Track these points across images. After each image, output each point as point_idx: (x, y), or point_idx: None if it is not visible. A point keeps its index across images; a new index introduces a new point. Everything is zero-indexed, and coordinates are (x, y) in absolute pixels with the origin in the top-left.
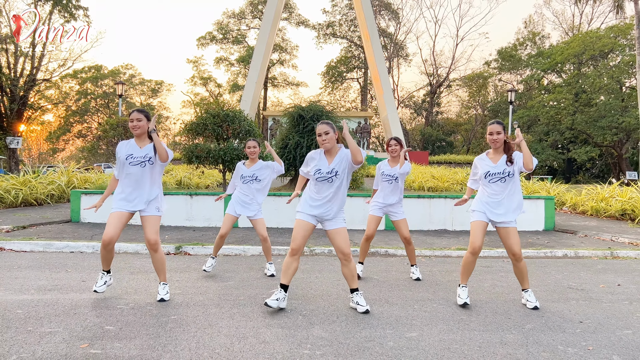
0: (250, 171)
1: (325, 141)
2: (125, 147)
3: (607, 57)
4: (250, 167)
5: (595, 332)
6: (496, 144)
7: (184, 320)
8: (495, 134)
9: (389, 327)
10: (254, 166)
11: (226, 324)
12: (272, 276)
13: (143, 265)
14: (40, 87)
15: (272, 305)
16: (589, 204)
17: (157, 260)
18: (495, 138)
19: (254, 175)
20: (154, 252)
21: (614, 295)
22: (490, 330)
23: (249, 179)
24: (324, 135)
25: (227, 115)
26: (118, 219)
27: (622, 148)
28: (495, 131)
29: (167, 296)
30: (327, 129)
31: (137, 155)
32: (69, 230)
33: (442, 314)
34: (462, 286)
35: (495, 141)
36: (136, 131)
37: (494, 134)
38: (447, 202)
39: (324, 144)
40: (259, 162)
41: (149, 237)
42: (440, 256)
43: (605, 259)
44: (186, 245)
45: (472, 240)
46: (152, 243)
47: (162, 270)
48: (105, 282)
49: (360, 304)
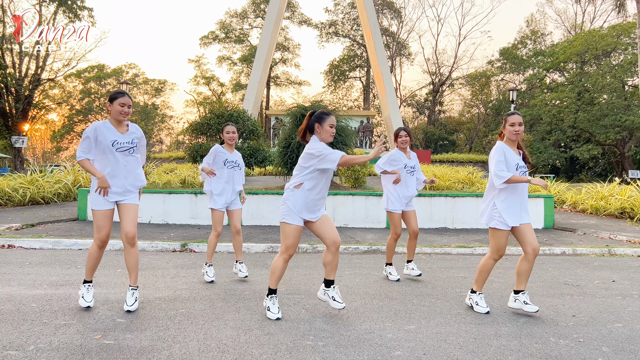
0: (233, 157)
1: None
2: (106, 131)
3: (610, 56)
4: (231, 153)
5: (587, 325)
6: (518, 136)
7: (191, 314)
8: (517, 125)
9: (388, 320)
10: (235, 153)
11: (232, 317)
12: (245, 277)
13: (150, 261)
14: (45, 86)
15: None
16: (589, 203)
17: (133, 257)
18: (518, 129)
19: (237, 162)
20: (132, 247)
21: (607, 291)
22: (485, 324)
23: (232, 164)
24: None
25: (231, 115)
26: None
27: (625, 147)
28: (518, 122)
29: (135, 306)
30: None
31: (122, 140)
32: (76, 229)
33: (440, 308)
34: (479, 294)
35: (517, 133)
36: (125, 118)
37: (515, 124)
38: (448, 201)
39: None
40: (235, 151)
41: (130, 229)
42: (440, 254)
43: (603, 256)
44: (192, 243)
45: (499, 247)
46: (131, 236)
47: (135, 269)
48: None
49: (336, 300)
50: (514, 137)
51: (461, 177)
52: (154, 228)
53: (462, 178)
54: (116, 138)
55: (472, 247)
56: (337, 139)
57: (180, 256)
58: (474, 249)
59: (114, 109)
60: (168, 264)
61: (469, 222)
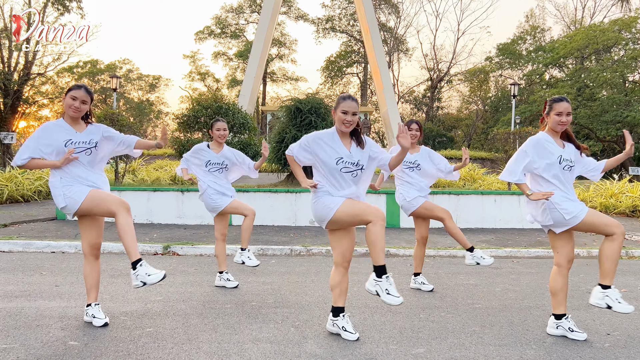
0: (219, 157)
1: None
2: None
3: (611, 51)
4: (218, 152)
5: (626, 347)
6: (564, 127)
7: (160, 334)
8: (565, 115)
9: (392, 342)
10: (223, 152)
11: (207, 338)
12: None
13: (126, 267)
14: (34, 81)
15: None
16: (598, 200)
17: (97, 270)
18: (565, 120)
19: (223, 163)
20: (96, 259)
21: (639, 302)
22: (507, 345)
23: (217, 167)
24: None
25: (220, 107)
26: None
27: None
28: (567, 111)
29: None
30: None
31: (77, 140)
32: (52, 229)
33: (452, 325)
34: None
35: (564, 124)
36: (77, 114)
37: (563, 114)
38: (451, 199)
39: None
40: (226, 148)
41: (99, 240)
42: (445, 256)
43: (621, 258)
44: (175, 245)
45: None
46: (99, 246)
47: (97, 285)
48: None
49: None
50: (559, 128)
51: (462, 174)
52: (136, 228)
53: (463, 175)
54: (71, 137)
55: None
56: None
57: (161, 260)
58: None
59: (65, 102)
60: None
61: (474, 221)
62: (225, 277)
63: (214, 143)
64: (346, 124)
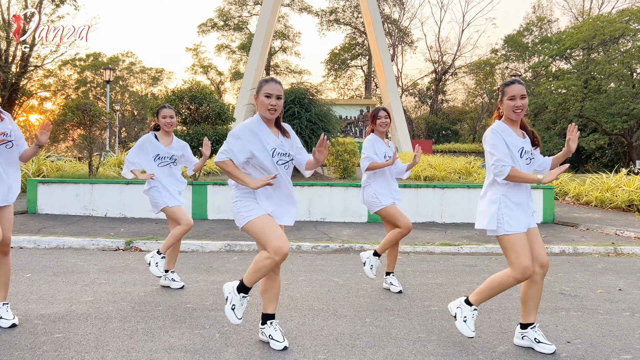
0: (168, 151)
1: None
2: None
3: (618, 42)
4: (168, 145)
5: (584, 358)
6: (520, 114)
7: (67, 341)
8: (519, 98)
9: (322, 351)
10: (172, 144)
11: (117, 346)
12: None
13: (75, 263)
14: (31, 73)
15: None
16: (593, 194)
17: (7, 269)
18: (520, 105)
19: (172, 157)
20: (5, 256)
21: (612, 304)
22: (449, 355)
23: (165, 162)
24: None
25: (195, 96)
26: None
27: (633, 136)
28: (520, 94)
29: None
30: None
31: None
32: (17, 223)
33: (396, 331)
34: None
35: (519, 109)
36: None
37: (516, 98)
38: (436, 192)
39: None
40: (175, 140)
41: (7, 234)
42: (421, 252)
43: (608, 255)
44: (138, 240)
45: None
46: (8, 243)
47: (7, 283)
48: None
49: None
50: (514, 115)
51: (458, 166)
52: (106, 222)
53: (459, 168)
54: None
55: (458, 244)
56: (319, 125)
57: (120, 256)
58: (460, 247)
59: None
60: (94, 267)
61: (460, 215)
62: (170, 276)
63: (162, 133)
64: (270, 110)
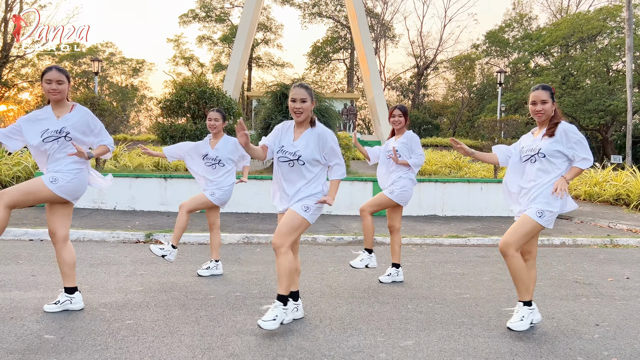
0: (215, 152)
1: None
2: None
3: (595, 39)
4: (213, 146)
5: (615, 338)
6: (541, 117)
7: (140, 327)
8: (540, 104)
9: (380, 334)
10: (218, 147)
11: (190, 331)
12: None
13: (106, 255)
14: (13, 64)
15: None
16: (582, 189)
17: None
18: (540, 109)
19: (217, 158)
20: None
21: (625, 291)
22: (496, 337)
23: (211, 161)
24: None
25: (204, 92)
26: None
27: (608, 131)
28: (540, 100)
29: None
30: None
31: (52, 128)
32: (30, 216)
33: (440, 316)
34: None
35: (539, 114)
36: (55, 96)
37: (537, 103)
38: (437, 186)
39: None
40: (221, 141)
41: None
42: (431, 244)
43: (606, 247)
44: (158, 233)
45: None
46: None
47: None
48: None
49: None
50: (535, 118)
51: (448, 161)
52: (118, 215)
53: (449, 162)
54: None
55: (465, 237)
56: (321, 120)
57: (143, 249)
58: (468, 239)
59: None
60: (126, 259)
61: (460, 209)
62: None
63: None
64: (297, 113)
